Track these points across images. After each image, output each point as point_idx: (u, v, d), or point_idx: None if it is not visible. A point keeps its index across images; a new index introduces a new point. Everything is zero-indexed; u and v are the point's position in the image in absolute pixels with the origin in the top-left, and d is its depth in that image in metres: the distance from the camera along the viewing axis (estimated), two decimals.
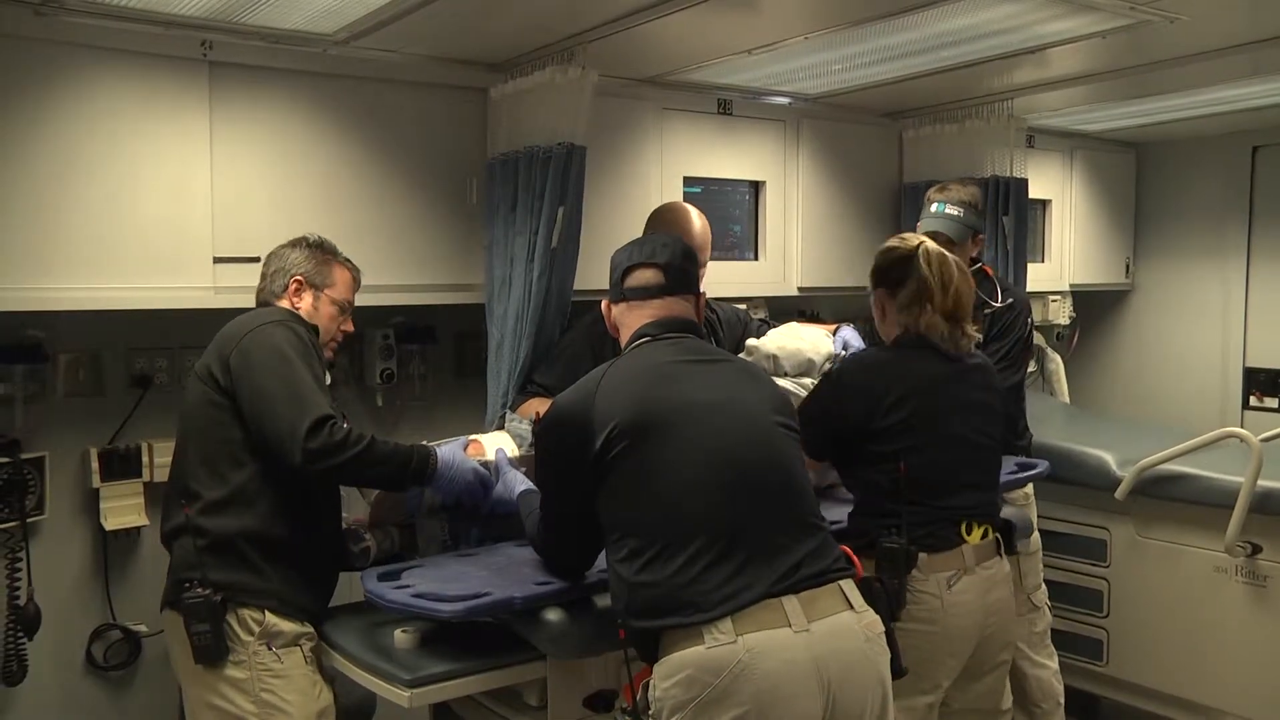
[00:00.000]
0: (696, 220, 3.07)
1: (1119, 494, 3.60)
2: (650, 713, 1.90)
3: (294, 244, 2.55)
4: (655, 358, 2.07)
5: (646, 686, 1.91)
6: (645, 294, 2.16)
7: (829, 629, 1.90)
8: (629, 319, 2.18)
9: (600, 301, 3.04)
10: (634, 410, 1.95)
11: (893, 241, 2.60)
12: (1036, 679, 3.40)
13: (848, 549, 2.06)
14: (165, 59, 2.72)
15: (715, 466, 1.93)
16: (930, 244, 2.53)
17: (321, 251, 2.55)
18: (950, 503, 2.46)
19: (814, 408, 2.55)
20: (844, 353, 2.87)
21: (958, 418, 2.49)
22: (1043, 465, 3.20)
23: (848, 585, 1.98)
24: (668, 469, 1.92)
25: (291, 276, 2.50)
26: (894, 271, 2.53)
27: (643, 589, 1.90)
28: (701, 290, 2.23)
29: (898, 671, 2.04)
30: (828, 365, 2.84)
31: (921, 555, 2.39)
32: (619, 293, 2.20)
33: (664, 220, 3.06)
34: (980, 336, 2.63)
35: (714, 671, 1.82)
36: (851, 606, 1.95)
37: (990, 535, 2.52)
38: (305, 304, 2.50)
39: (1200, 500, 3.44)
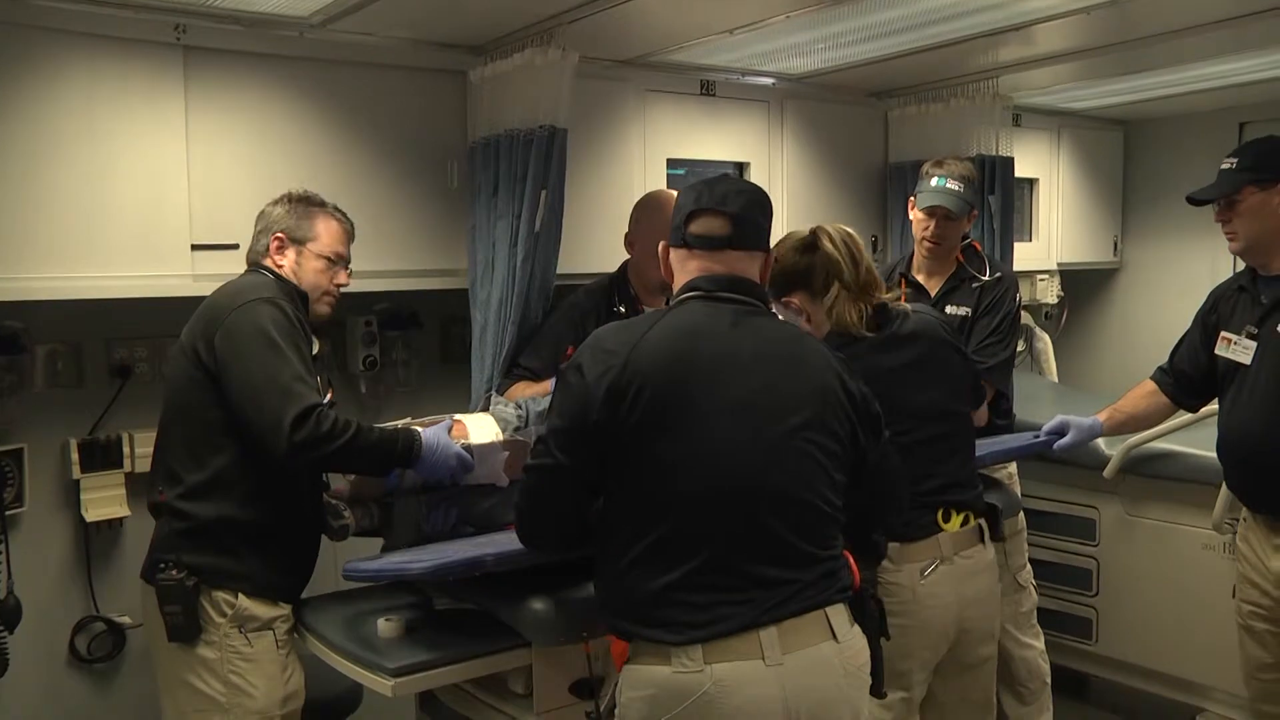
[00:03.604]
0: None
1: (1107, 473, 3.60)
2: (616, 714, 1.87)
3: (277, 200, 2.49)
4: (702, 324, 1.90)
5: (617, 686, 1.88)
6: (708, 244, 1.96)
7: (804, 663, 1.81)
8: (686, 267, 1.99)
9: (581, 286, 3.01)
10: (666, 385, 1.82)
11: (779, 242, 2.39)
12: (1023, 659, 3.40)
13: (849, 554, 1.96)
14: (138, 43, 2.68)
15: (732, 485, 1.81)
16: (829, 226, 2.39)
17: (305, 205, 2.48)
18: (923, 486, 2.33)
19: None
20: None
21: (916, 390, 2.36)
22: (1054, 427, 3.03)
23: (835, 611, 1.87)
24: (686, 473, 1.81)
25: (272, 234, 2.44)
26: (795, 266, 2.38)
27: (627, 589, 1.84)
28: (771, 248, 2.06)
29: (878, 695, 1.99)
30: None
31: (893, 545, 2.27)
32: (680, 237, 1.99)
33: (654, 206, 3.02)
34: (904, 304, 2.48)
35: (678, 697, 1.77)
36: (834, 635, 1.85)
37: (972, 522, 2.43)
38: (288, 262, 2.44)
39: (1188, 478, 3.44)
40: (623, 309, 2.98)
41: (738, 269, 1.97)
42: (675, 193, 3.04)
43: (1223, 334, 2.80)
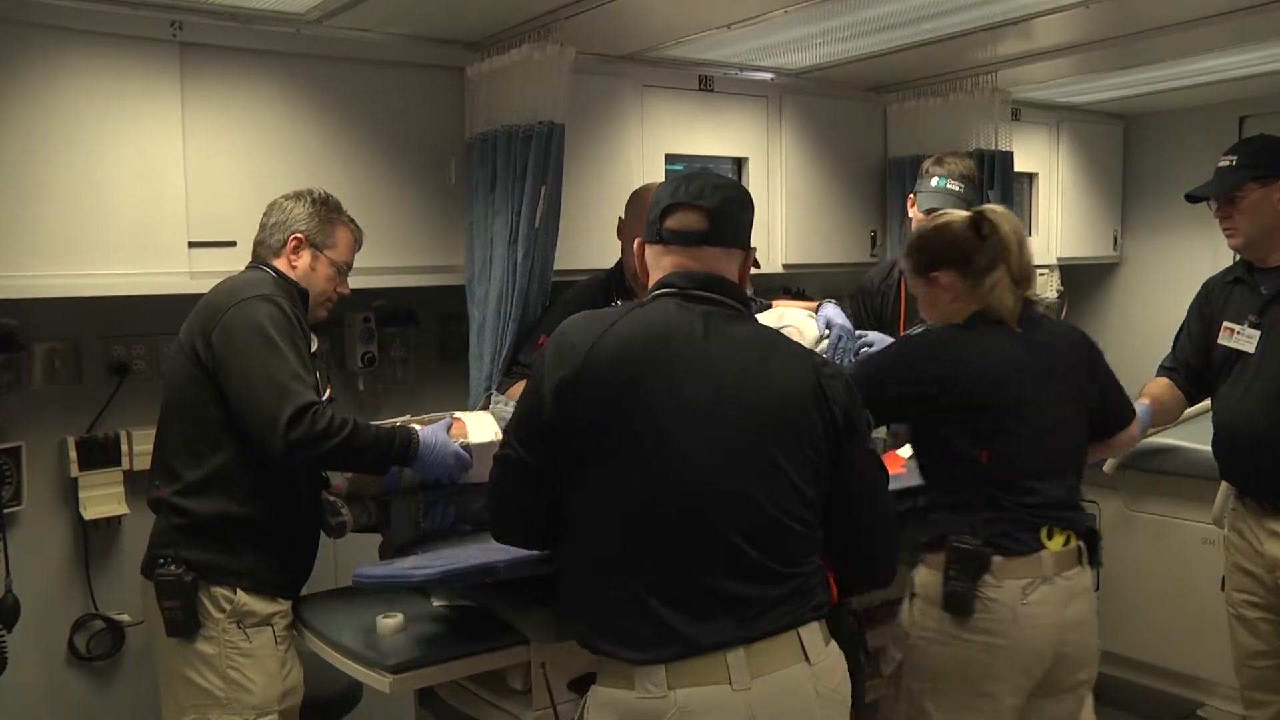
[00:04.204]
0: None
1: (1107, 467, 3.60)
2: None
3: (297, 197, 2.47)
4: (670, 322, 1.80)
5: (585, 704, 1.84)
6: (685, 239, 1.86)
7: (774, 687, 1.72)
8: (661, 263, 1.89)
9: (576, 281, 2.98)
10: (622, 385, 1.74)
11: (942, 219, 2.41)
12: None
13: (827, 566, 1.86)
14: (134, 40, 2.67)
15: (690, 494, 1.72)
16: (999, 208, 2.40)
17: (326, 209, 2.48)
18: (1032, 500, 2.25)
19: (898, 368, 2.33)
20: (828, 332, 2.83)
21: (1051, 400, 2.29)
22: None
23: (808, 631, 1.78)
24: (641, 479, 1.73)
25: (291, 233, 2.44)
26: (960, 244, 2.34)
27: (589, 598, 1.79)
28: (753, 246, 1.97)
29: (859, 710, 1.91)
30: (820, 347, 2.79)
31: (996, 559, 2.21)
32: (655, 233, 1.89)
33: (642, 199, 3.01)
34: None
35: None
36: (807, 657, 1.76)
37: (1073, 543, 2.30)
38: (303, 263, 2.44)
39: (1188, 473, 3.44)
40: (619, 302, 2.97)
41: (715, 267, 1.87)
42: None
43: (1225, 324, 2.80)
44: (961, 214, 2.39)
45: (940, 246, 2.37)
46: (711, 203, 1.87)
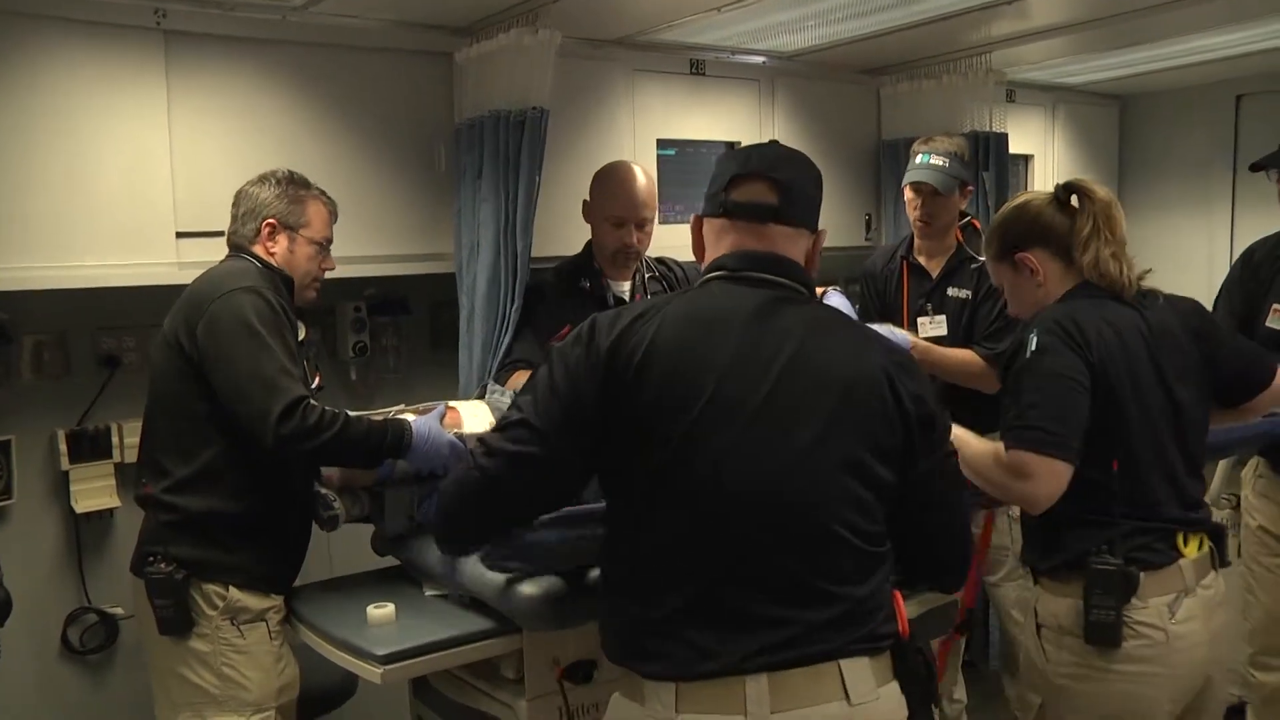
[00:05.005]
0: (641, 176, 2.96)
1: None
2: None
3: (262, 180, 2.41)
4: (720, 310, 1.64)
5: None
6: (752, 214, 1.69)
7: None
8: (721, 241, 1.71)
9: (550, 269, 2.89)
10: (664, 382, 1.57)
11: (1020, 198, 2.23)
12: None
13: (898, 595, 1.66)
14: (117, 28, 2.64)
15: (729, 501, 1.55)
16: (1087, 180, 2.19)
17: (293, 187, 2.42)
18: (1167, 500, 2.02)
19: (1046, 404, 1.95)
20: None
21: (1175, 379, 2.05)
22: None
23: (854, 665, 1.55)
24: (676, 483, 1.56)
25: (263, 220, 2.38)
26: (1044, 218, 2.15)
27: (616, 609, 1.66)
28: (822, 229, 1.78)
29: None
30: None
31: (1141, 576, 1.97)
32: (719, 205, 1.71)
33: (608, 178, 2.97)
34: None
35: None
36: (846, 695, 1.53)
37: (1205, 546, 2.08)
38: (280, 248, 2.39)
39: None
40: (588, 284, 2.96)
41: (780, 247, 1.69)
42: (633, 164, 3.00)
43: (1275, 307, 2.79)
44: (1039, 191, 2.22)
45: (1021, 225, 2.17)
46: (784, 175, 1.71)
